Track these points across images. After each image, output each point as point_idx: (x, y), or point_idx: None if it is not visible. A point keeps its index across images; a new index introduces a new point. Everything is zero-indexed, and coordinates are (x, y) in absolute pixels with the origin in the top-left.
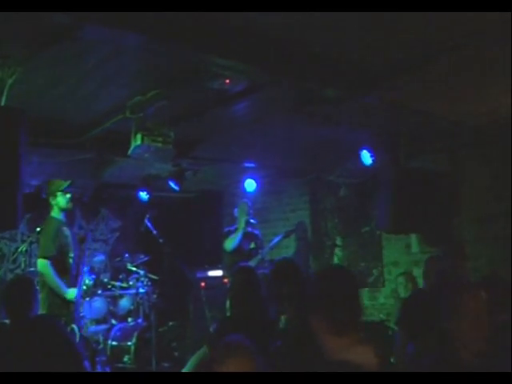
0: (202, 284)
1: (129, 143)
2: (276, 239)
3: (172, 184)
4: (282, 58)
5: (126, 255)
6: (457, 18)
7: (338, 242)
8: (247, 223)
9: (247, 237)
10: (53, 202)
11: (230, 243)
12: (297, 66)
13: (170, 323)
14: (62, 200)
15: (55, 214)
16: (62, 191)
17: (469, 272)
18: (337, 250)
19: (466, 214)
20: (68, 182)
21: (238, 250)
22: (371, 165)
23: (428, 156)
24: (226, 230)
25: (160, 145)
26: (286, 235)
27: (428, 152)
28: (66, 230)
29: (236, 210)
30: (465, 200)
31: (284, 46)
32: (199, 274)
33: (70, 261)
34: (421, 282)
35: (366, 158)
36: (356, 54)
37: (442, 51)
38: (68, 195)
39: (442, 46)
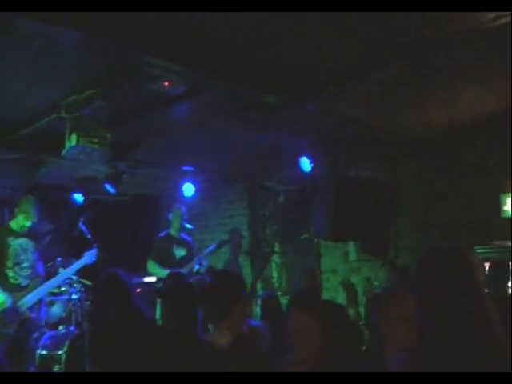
0: (138, 290)
1: (64, 143)
2: (209, 248)
3: (108, 187)
4: (218, 62)
5: (59, 259)
6: (394, 30)
7: (277, 248)
8: (180, 229)
9: (178, 243)
10: None
11: (152, 268)
12: (234, 70)
13: None
14: None
15: None
16: None
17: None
18: (275, 257)
19: (403, 222)
20: None
21: (167, 257)
22: (310, 172)
23: (367, 164)
24: (158, 236)
25: (96, 146)
26: (220, 245)
27: (367, 160)
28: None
29: (170, 214)
30: (402, 209)
31: (222, 49)
32: (135, 280)
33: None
34: (360, 290)
35: (305, 164)
36: (297, 61)
37: (381, 62)
38: None
39: (381, 56)
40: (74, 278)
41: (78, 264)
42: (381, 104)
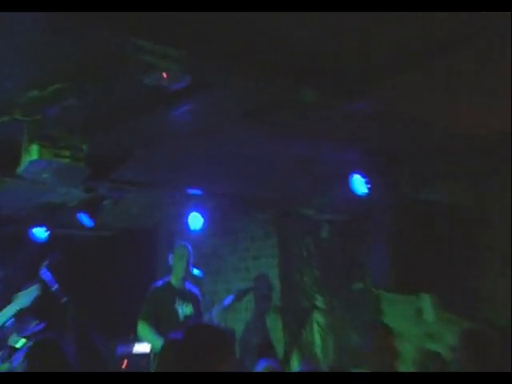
0: (124, 363)
1: (20, 157)
2: (225, 302)
3: (83, 218)
4: (234, 45)
5: (9, 322)
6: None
7: (319, 303)
8: (184, 277)
9: (182, 297)
10: None
11: (143, 332)
12: (256, 57)
13: None
14: None
15: None
16: None
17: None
18: (317, 316)
19: (499, 266)
20: None
21: (166, 317)
22: (364, 195)
23: (442, 183)
24: (154, 286)
25: (67, 161)
26: (239, 297)
27: (442, 178)
28: None
29: (171, 256)
30: (498, 246)
31: (238, 29)
32: (120, 349)
33: None
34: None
35: (358, 185)
36: (342, 45)
37: (444, 48)
38: None
39: (444, 41)
40: None
41: (9, 309)
42: (457, 102)
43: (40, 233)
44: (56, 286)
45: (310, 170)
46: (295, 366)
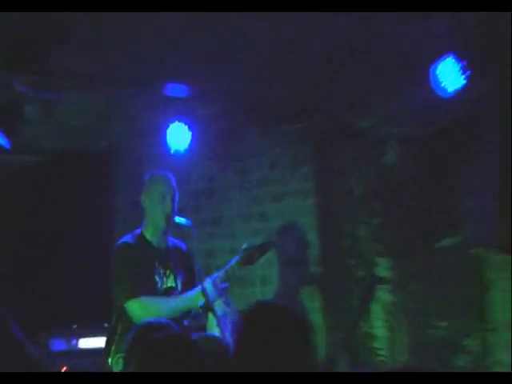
0: (64, 368)
1: None
2: (229, 264)
3: None
4: None
5: None
6: None
7: (383, 272)
8: (167, 226)
9: (164, 262)
10: None
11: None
12: None
13: None
14: None
15: None
16: None
17: None
18: (380, 293)
19: None
20: None
21: (145, 287)
22: (459, 95)
23: None
24: (122, 242)
25: None
26: (247, 259)
27: None
28: None
29: (143, 194)
30: None
31: None
32: (57, 346)
33: None
34: None
35: (447, 78)
36: None
37: None
38: None
39: None
40: None
41: None
42: None
43: None
44: None
45: (366, 56)
46: (342, 369)
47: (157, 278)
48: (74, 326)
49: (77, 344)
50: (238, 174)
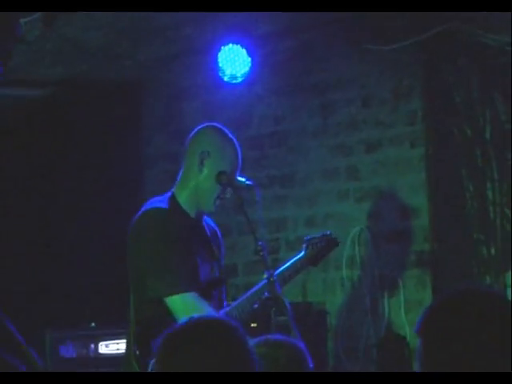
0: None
1: None
2: (291, 261)
3: None
4: None
5: None
6: None
7: None
8: (222, 194)
9: (203, 238)
10: None
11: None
12: None
13: None
14: None
15: None
16: None
17: None
18: None
19: None
20: None
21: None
22: None
23: None
24: (155, 206)
25: None
26: (311, 256)
27: None
28: None
29: (204, 151)
30: None
31: None
32: (70, 351)
33: None
34: None
35: None
36: None
37: None
38: None
39: None
40: None
41: None
42: None
43: None
44: None
45: None
46: None
47: (199, 260)
48: (92, 325)
49: (96, 349)
50: (318, 113)
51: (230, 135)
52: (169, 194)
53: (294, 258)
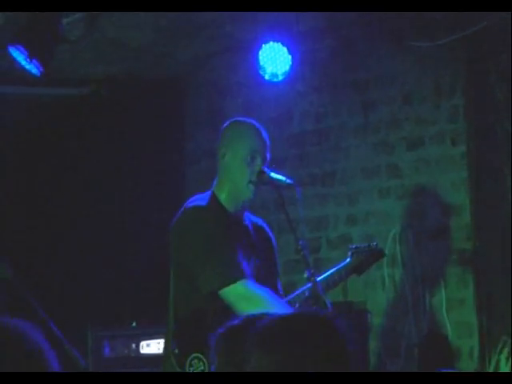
0: None
1: None
2: (336, 268)
3: (20, 57)
4: None
5: None
6: None
7: None
8: (249, 197)
9: (245, 234)
10: None
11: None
12: None
13: None
14: None
15: None
16: None
17: None
18: None
19: None
20: None
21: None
22: None
23: None
24: (195, 205)
25: None
26: (356, 265)
27: None
28: None
29: (223, 146)
30: None
31: None
32: (112, 350)
33: None
34: None
35: None
36: None
37: None
38: None
39: None
40: None
41: None
42: None
43: None
44: None
45: None
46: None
47: (240, 257)
48: (134, 325)
49: (137, 348)
50: (359, 110)
51: (247, 120)
52: (209, 192)
53: (340, 265)
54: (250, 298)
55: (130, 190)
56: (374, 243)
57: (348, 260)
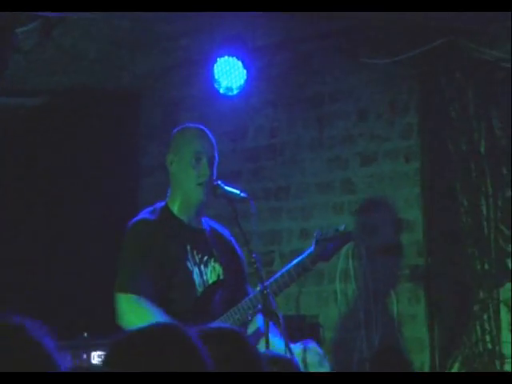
0: None
1: None
2: (298, 259)
3: None
4: None
5: None
6: None
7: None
8: (200, 201)
9: (199, 243)
10: None
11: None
12: None
13: None
14: None
15: None
16: None
17: None
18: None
19: None
20: None
21: (177, 283)
22: None
23: None
24: (140, 219)
25: None
26: (320, 252)
27: None
28: None
29: (170, 154)
30: None
31: None
32: (61, 362)
33: None
34: None
35: None
36: None
37: None
38: None
39: None
40: None
41: None
42: None
43: None
44: None
45: None
46: None
47: (189, 265)
48: (85, 335)
49: (88, 358)
50: (314, 125)
51: (190, 125)
52: (162, 203)
53: (303, 255)
54: (130, 314)
55: (81, 203)
56: (342, 226)
57: (311, 249)
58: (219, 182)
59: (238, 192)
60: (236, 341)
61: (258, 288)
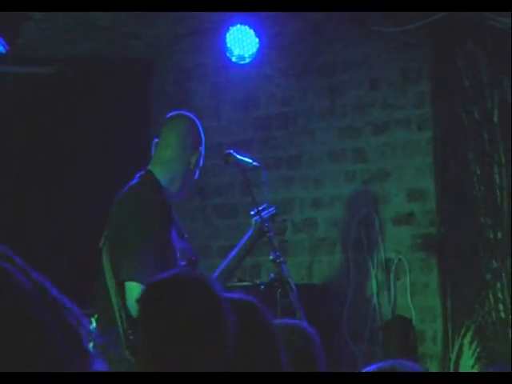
0: None
1: None
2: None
3: None
4: None
5: None
6: None
7: None
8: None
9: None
10: None
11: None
12: None
13: None
14: None
15: None
16: None
17: None
18: None
19: None
20: None
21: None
22: None
23: None
24: (152, 201)
25: None
26: (258, 230)
27: None
28: None
29: (175, 131)
30: None
31: None
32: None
33: None
34: None
35: None
36: None
37: None
38: None
39: None
40: None
41: None
42: None
43: None
44: None
45: None
46: (467, 365)
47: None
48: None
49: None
50: (325, 95)
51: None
52: (142, 172)
53: (243, 239)
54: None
55: (93, 171)
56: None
57: (250, 232)
58: (231, 151)
59: (250, 161)
60: (252, 310)
61: (271, 257)
